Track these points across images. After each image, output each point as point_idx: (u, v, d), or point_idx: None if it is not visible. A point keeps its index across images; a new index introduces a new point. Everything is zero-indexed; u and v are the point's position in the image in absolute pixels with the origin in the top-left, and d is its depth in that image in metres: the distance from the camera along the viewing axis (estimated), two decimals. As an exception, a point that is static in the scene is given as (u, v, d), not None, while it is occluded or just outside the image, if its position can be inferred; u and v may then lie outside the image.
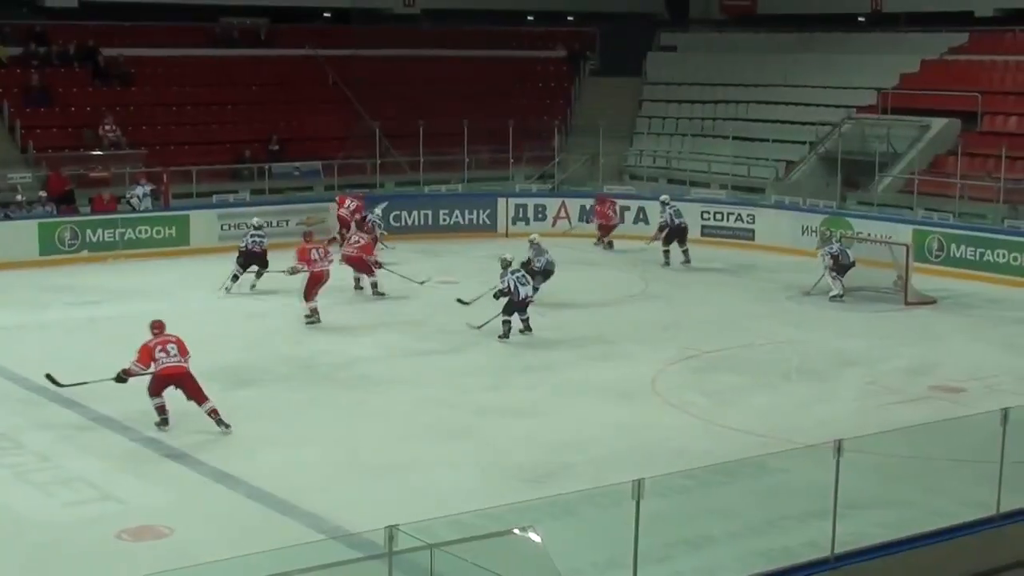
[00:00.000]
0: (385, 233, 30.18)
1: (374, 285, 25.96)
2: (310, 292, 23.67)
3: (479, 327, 22.62)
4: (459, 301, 24.13)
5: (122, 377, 17.50)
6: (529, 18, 45.78)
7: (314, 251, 23.95)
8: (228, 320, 24.04)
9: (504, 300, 22.59)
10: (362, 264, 26.01)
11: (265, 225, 28.05)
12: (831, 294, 25.78)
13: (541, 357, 21.55)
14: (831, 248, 26.15)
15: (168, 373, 17.15)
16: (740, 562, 12.22)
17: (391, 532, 9.55)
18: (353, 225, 29.76)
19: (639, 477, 10.33)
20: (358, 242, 26.33)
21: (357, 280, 26.42)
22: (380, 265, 26.16)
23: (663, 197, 31.18)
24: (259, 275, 26.44)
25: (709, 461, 14.35)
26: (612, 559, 11.78)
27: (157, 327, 17.59)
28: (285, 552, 10.87)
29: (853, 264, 26.04)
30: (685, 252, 29.88)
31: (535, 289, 23.35)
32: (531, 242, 26.01)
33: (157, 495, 15.10)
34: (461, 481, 15.41)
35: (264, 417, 18.11)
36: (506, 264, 22.89)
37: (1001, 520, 12.24)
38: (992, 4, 38.02)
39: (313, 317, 23.59)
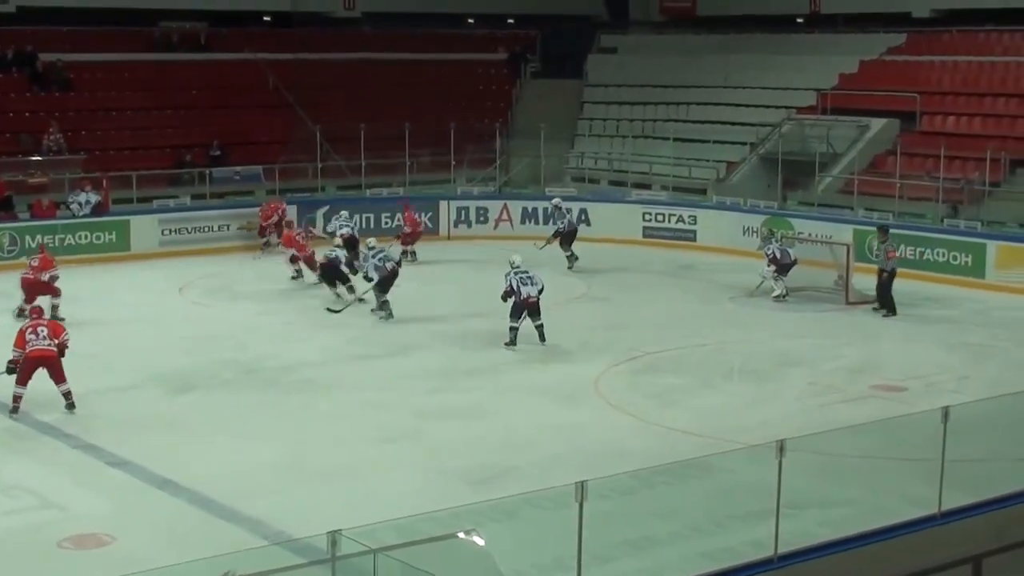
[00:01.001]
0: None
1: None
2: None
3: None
4: (329, 310, 24.10)
5: (11, 368, 18.16)
6: (470, 21, 45.78)
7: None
8: (169, 325, 23.84)
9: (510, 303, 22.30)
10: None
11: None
12: (774, 294, 25.93)
13: (484, 359, 21.53)
14: (769, 248, 26.28)
15: (36, 355, 17.89)
16: (684, 562, 12.25)
17: (334, 537, 9.51)
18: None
19: (582, 479, 10.32)
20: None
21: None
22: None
23: (555, 200, 31.38)
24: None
25: (652, 462, 14.37)
26: (556, 561, 11.76)
27: (33, 312, 18.92)
28: (228, 558, 10.78)
29: (795, 262, 26.18)
30: (569, 257, 29.94)
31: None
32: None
33: (99, 503, 14.97)
34: (404, 485, 15.36)
35: (207, 422, 18.01)
36: (513, 264, 22.57)
37: (943, 518, 12.32)
38: (929, 5, 38.39)
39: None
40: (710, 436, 16.97)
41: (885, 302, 25.03)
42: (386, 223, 33.89)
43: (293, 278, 27.50)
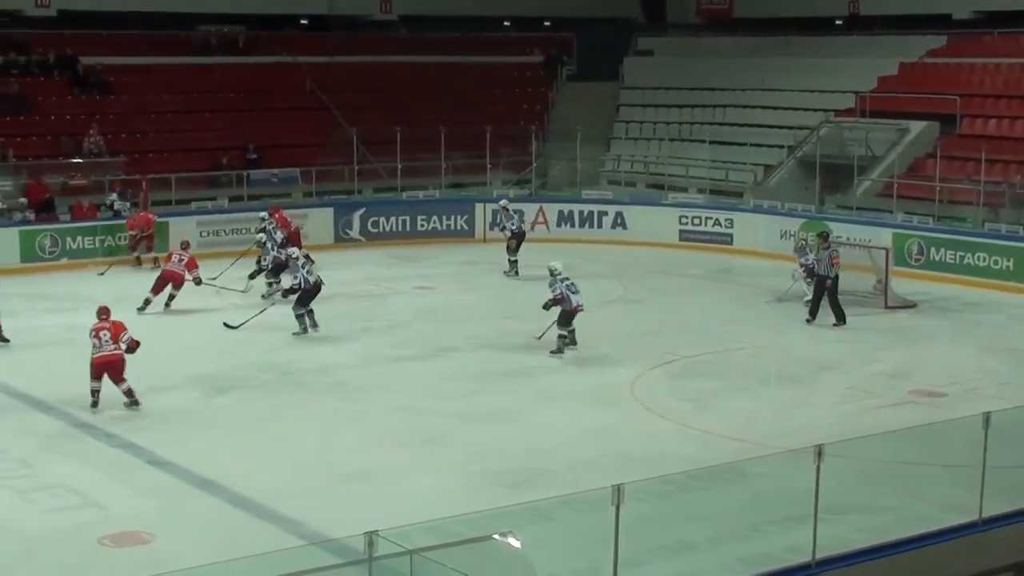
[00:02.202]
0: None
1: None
2: None
3: (539, 337, 22.12)
4: (226, 325, 23.63)
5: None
6: (506, 24, 45.79)
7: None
8: (206, 328, 23.93)
9: (556, 311, 22.01)
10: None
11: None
12: (805, 299, 25.77)
13: (519, 363, 21.51)
14: (807, 259, 26.12)
15: (100, 361, 18.21)
16: (721, 568, 12.24)
17: (371, 538, 9.53)
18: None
19: (618, 482, 10.31)
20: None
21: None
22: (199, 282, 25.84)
23: (502, 202, 31.14)
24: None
25: (688, 466, 14.36)
26: (592, 565, 11.75)
27: (100, 313, 18.75)
28: (265, 558, 10.83)
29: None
30: (513, 263, 29.55)
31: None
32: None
33: (138, 501, 15.07)
34: (440, 487, 15.39)
35: (244, 424, 18.09)
36: (552, 271, 22.16)
37: (983, 525, 12.23)
38: (970, 6, 38.15)
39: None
40: (747, 440, 16.94)
41: (837, 312, 24.42)
42: (421, 225, 33.98)
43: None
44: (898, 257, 27.89)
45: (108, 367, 18.20)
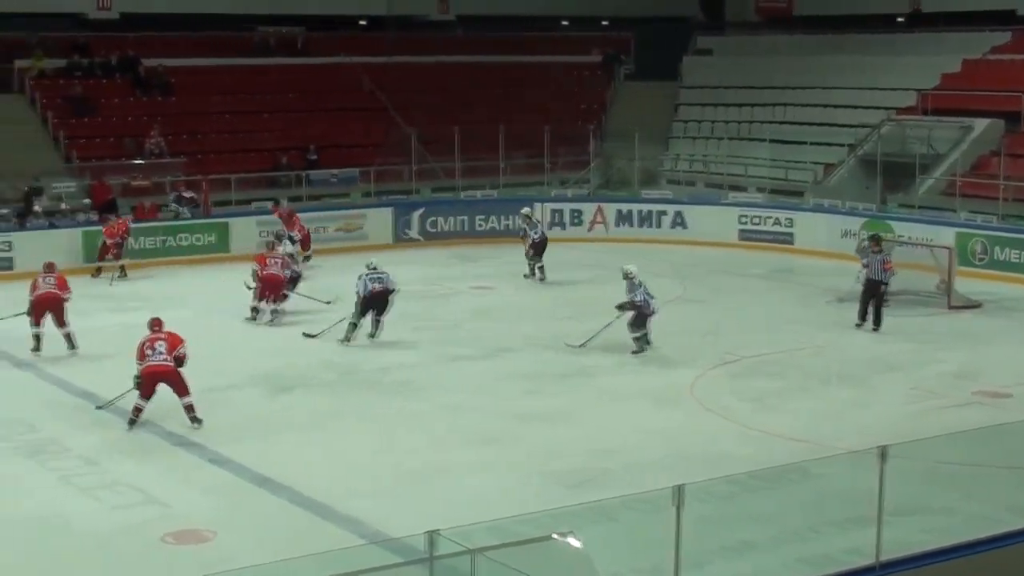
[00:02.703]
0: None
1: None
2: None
3: (581, 345, 21.99)
4: (305, 335, 23.22)
5: (137, 382, 17.89)
6: (564, 23, 45.79)
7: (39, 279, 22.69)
8: (268, 327, 24.06)
9: (628, 314, 21.93)
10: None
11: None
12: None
13: (579, 363, 21.48)
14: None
15: (152, 371, 17.71)
16: (783, 568, 12.19)
17: (432, 537, 9.56)
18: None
19: (678, 483, 10.28)
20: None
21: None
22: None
23: (524, 210, 30.71)
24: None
25: (749, 467, 14.30)
26: (654, 565, 11.72)
27: (152, 324, 18.30)
28: (326, 556, 10.88)
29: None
30: (541, 268, 29.01)
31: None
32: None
33: (200, 499, 15.18)
34: (500, 487, 15.40)
35: (306, 423, 18.17)
36: (630, 275, 22.10)
37: (1049, 527, 12.12)
38: (1035, 2, 37.78)
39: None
40: (808, 441, 16.85)
41: (877, 317, 23.76)
42: (479, 225, 34.04)
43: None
44: (961, 256, 27.65)
45: (161, 377, 17.68)
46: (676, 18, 45.67)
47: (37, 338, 21.91)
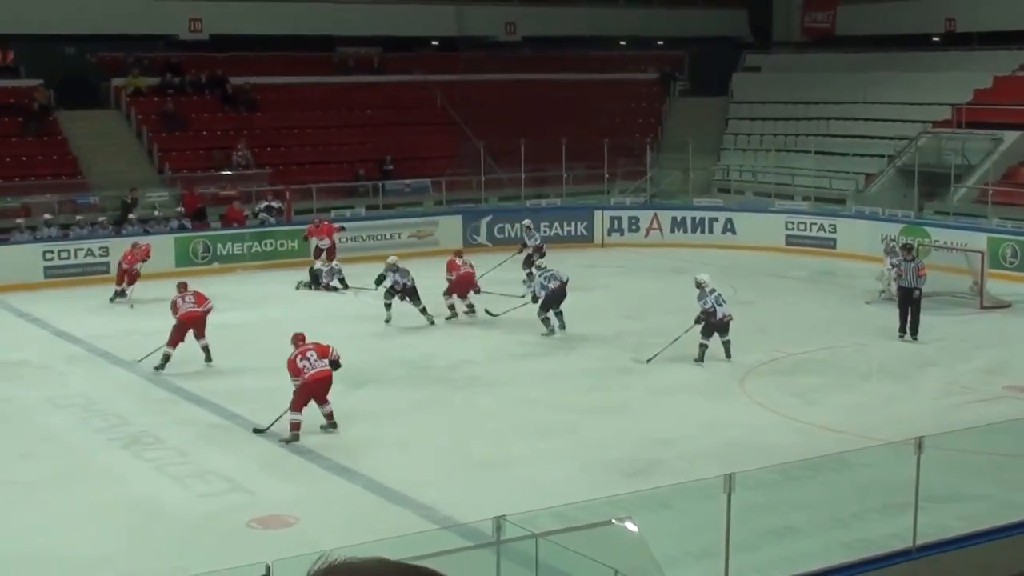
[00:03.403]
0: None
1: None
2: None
3: (648, 360, 21.01)
4: (488, 312, 24.01)
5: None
6: (622, 43, 45.68)
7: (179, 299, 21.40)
8: (345, 325, 24.15)
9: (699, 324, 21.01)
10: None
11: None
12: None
13: (630, 359, 21.43)
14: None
15: (315, 378, 16.90)
16: (826, 552, 12.14)
17: (499, 522, 9.60)
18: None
19: (729, 472, 10.27)
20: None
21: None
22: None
23: (526, 222, 30.18)
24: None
25: (795, 457, 14.26)
26: (704, 549, 11.72)
27: (296, 340, 17.40)
28: (400, 540, 10.96)
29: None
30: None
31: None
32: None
33: (284, 487, 15.30)
34: (561, 475, 15.42)
35: (381, 415, 18.26)
36: (702, 284, 21.20)
37: (1076, 513, 12.02)
38: (1062, 22, 37.33)
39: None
40: (850, 433, 16.74)
41: (915, 326, 22.74)
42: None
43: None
44: (993, 260, 27.39)
45: (321, 384, 16.96)
46: (727, 38, 45.45)
47: (168, 359, 20.45)
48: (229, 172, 34.53)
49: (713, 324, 20.96)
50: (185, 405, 18.85)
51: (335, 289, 27.62)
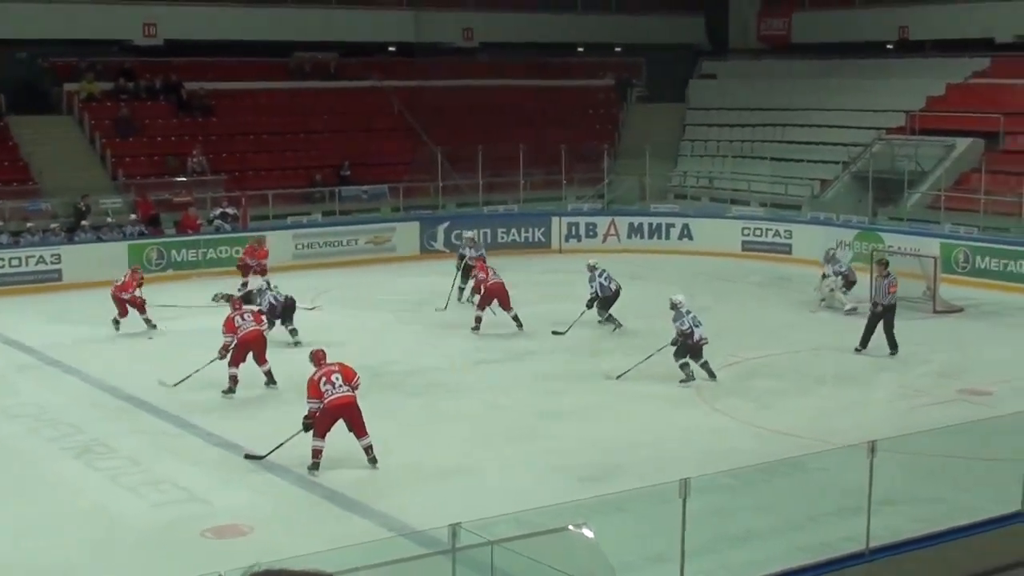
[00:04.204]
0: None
1: None
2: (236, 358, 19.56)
3: (618, 377, 20.52)
4: (555, 332, 23.49)
5: (308, 424, 15.96)
6: (579, 49, 45.75)
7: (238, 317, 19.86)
8: (303, 332, 24.02)
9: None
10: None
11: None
12: (846, 308, 25.41)
13: (593, 365, 21.49)
14: (839, 267, 25.85)
15: (337, 404, 15.87)
16: (782, 555, 12.18)
17: (454, 530, 9.58)
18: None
19: (686, 476, 10.30)
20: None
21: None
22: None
23: (469, 234, 29.24)
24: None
25: (751, 461, 14.30)
26: (661, 553, 11.74)
27: (318, 358, 16.47)
28: (357, 549, 10.92)
29: (855, 281, 25.85)
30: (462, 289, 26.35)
31: (611, 319, 23.48)
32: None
33: (239, 496, 15.21)
34: (520, 481, 15.42)
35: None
36: (677, 305, 20.73)
37: (1027, 515, 12.13)
38: (1012, 30, 37.66)
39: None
40: (806, 437, 16.83)
41: (893, 342, 22.19)
42: (501, 237, 34.07)
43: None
44: (945, 265, 27.63)
45: (345, 410, 15.74)
46: (684, 45, 45.63)
47: (235, 380, 19.29)
48: (184, 178, 34.33)
49: (689, 346, 20.39)
50: (139, 414, 18.69)
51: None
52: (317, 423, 15.73)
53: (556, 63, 44.02)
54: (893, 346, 22.14)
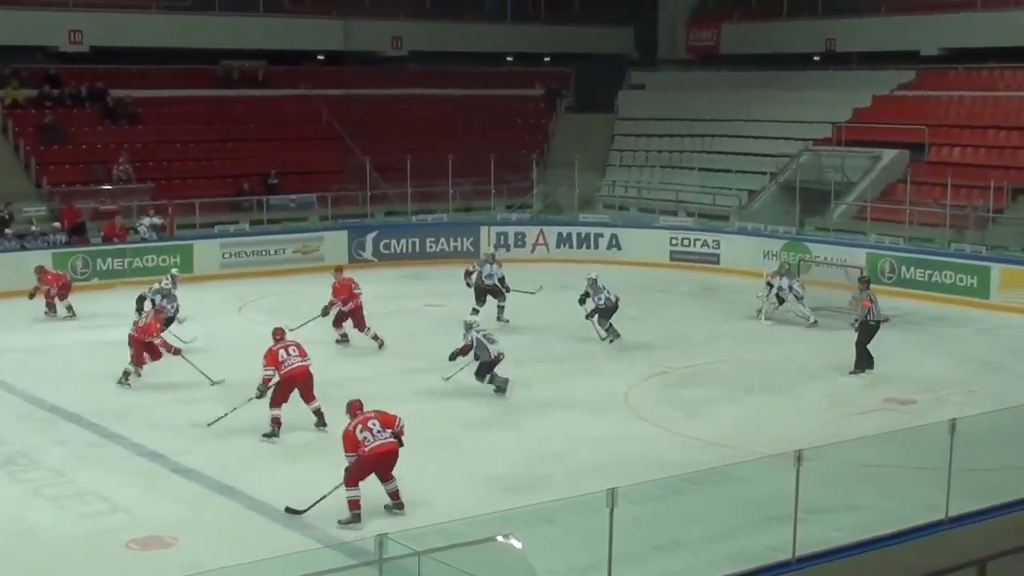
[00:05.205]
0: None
1: None
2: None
3: (446, 378, 20.28)
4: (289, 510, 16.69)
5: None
6: (509, 59, 45.85)
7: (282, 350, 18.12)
8: (230, 342, 23.87)
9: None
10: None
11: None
12: (810, 321, 25.47)
13: (520, 374, 21.37)
14: (780, 281, 25.94)
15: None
16: (709, 565, 12.20)
17: (381, 540, 9.51)
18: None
19: (613, 486, 10.29)
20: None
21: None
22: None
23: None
24: None
25: (679, 471, 14.35)
26: (589, 563, 11.72)
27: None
28: (282, 560, 10.81)
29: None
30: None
31: (610, 330, 23.42)
32: (590, 280, 24.01)
33: (164, 507, 15.02)
34: (447, 491, 15.34)
35: (263, 432, 17.99)
36: (471, 325, 20.56)
37: (950, 523, 12.23)
38: (937, 43, 38.22)
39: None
40: (733, 446, 16.92)
41: (866, 358, 21.71)
42: (430, 247, 34.02)
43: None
44: (871, 275, 27.86)
45: (386, 458, 14.61)
46: (613, 55, 45.85)
47: (278, 422, 17.77)
48: (110, 186, 33.95)
49: (488, 364, 20.08)
50: (63, 425, 18.42)
51: None
52: (352, 472, 14.54)
53: (485, 72, 44.07)
54: (860, 366, 21.68)
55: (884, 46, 39.35)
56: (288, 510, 14.59)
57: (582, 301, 23.90)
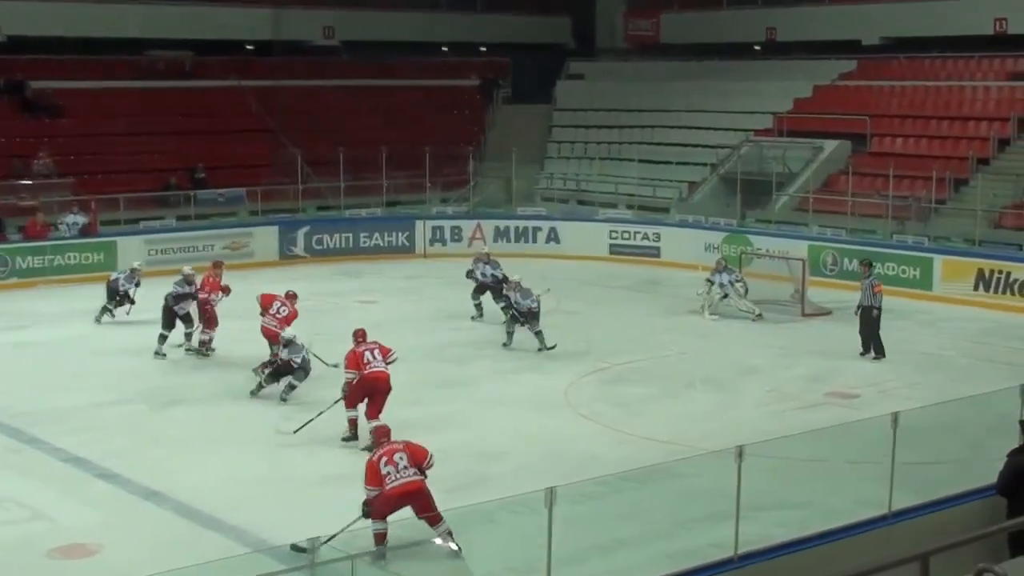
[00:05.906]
0: None
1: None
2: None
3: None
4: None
5: (367, 511, 13.37)
6: (444, 49, 45.81)
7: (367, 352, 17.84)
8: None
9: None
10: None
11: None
12: (755, 315, 25.63)
13: (458, 372, 21.47)
14: (719, 277, 26.03)
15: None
16: (650, 564, 12.23)
17: (313, 544, 9.47)
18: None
19: (552, 485, 10.29)
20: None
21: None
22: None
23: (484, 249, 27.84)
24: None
25: (619, 468, 14.38)
26: (528, 564, 11.70)
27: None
28: (211, 566, 10.74)
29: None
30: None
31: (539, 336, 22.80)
32: (515, 283, 23.48)
33: (87, 513, 14.87)
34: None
35: (191, 436, 17.87)
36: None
37: (893, 518, 12.31)
38: (878, 33, 38.58)
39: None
40: (674, 443, 16.97)
41: (877, 345, 22.61)
42: (364, 242, 33.91)
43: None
44: (813, 267, 28.15)
45: (408, 498, 13.08)
46: (550, 45, 45.95)
47: (355, 424, 17.52)
48: (29, 182, 33.52)
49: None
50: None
51: None
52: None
53: (420, 63, 44.01)
54: (880, 350, 22.46)
55: (825, 35, 39.70)
56: (294, 548, 11.48)
57: (469, 275, 24.32)
